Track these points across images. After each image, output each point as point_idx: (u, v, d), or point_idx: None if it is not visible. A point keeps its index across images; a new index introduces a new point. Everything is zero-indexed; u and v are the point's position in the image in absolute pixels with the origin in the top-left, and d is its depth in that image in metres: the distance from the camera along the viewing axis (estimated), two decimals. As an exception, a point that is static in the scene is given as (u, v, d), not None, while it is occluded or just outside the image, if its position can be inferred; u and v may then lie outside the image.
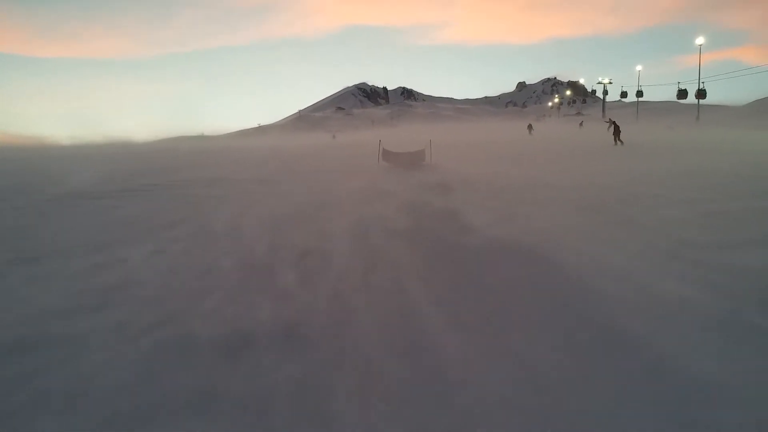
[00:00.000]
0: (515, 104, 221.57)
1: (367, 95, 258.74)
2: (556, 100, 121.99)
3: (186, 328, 4.52)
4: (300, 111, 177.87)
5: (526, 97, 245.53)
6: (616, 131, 26.55)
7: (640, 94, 69.48)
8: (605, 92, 79.52)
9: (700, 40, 54.19)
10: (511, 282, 5.27)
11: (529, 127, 46.93)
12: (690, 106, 61.05)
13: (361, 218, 8.94)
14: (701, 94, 54.10)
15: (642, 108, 73.91)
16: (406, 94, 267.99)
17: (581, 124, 58.88)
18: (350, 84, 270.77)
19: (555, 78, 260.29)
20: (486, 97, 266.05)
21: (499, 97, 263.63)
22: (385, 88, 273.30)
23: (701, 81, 53.77)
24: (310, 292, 5.34)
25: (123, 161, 28.21)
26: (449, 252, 6.53)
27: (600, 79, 77.93)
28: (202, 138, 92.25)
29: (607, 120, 28.81)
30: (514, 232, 7.25)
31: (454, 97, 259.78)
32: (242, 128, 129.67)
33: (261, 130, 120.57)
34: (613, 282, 5.16)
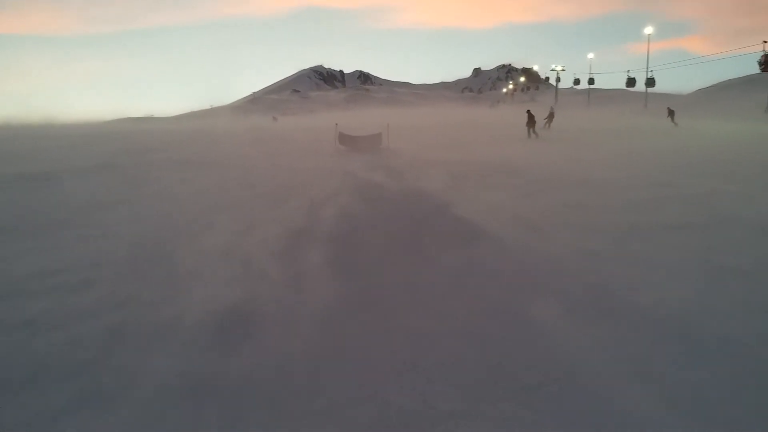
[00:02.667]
0: (471, 90, 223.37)
1: (324, 78, 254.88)
2: (511, 86, 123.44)
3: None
4: (254, 93, 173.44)
5: (482, 83, 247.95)
6: (530, 122, 24.75)
7: (591, 81, 71.25)
8: (558, 79, 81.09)
9: (648, 30, 55.70)
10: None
11: (550, 117, 30.36)
12: (639, 94, 62.89)
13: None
14: (650, 82, 55.75)
15: (593, 95, 75.77)
16: (363, 78, 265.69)
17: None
18: (306, 66, 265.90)
19: (510, 65, 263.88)
20: (443, 83, 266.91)
21: (456, 82, 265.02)
22: (341, 72, 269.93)
23: (650, 69, 55.42)
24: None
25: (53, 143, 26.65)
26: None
27: (553, 67, 79.42)
28: (150, 119, 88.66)
29: (548, 112, 30.19)
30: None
31: (411, 82, 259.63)
32: (194, 110, 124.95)
33: (213, 111, 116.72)
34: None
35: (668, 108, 32.59)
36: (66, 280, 5.21)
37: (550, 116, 30.44)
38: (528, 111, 26.06)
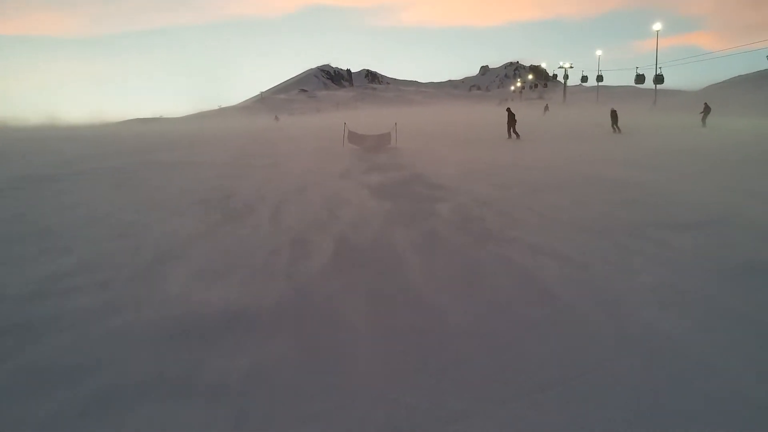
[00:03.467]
0: (479, 88, 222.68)
1: (331, 77, 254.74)
2: (519, 84, 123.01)
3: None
4: (262, 93, 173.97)
5: (489, 81, 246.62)
6: (511, 121, 23.18)
7: (600, 78, 70.82)
8: (566, 77, 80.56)
9: (657, 26, 55.20)
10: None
11: (614, 117, 28.06)
12: (649, 90, 62.39)
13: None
14: (659, 79, 55.35)
15: (602, 92, 75.30)
16: (371, 76, 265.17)
17: (546, 108, 57.72)
18: (313, 66, 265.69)
19: (517, 62, 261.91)
20: (450, 81, 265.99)
21: (463, 80, 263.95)
22: (348, 71, 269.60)
23: (659, 66, 54.95)
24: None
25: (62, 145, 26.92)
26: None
27: (561, 64, 79.00)
28: (158, 121, 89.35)
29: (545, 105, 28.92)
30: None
31: (419, 80, 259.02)
32: (203, 110, 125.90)
33: (221, 112, 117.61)
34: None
35: (705, 103, 28.49)
36: None
37: (614, 116, 25.27)
38: (508, 109, 24.14)
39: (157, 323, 4.21)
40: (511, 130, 23.10)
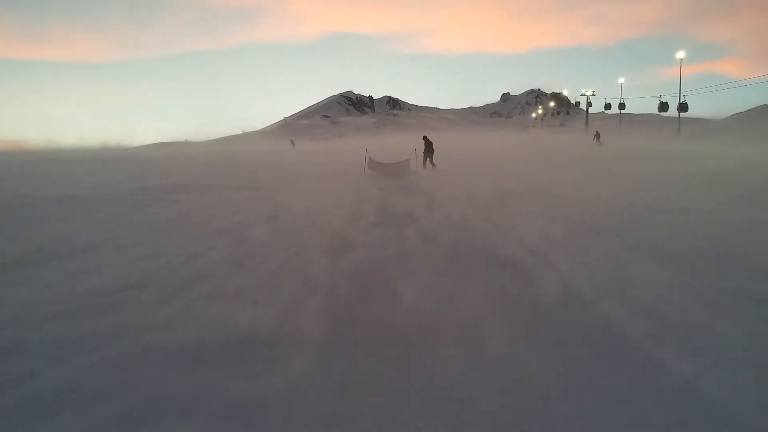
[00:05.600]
0: (500, 115, 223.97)
1: (353, 104, 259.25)
2: (540, 111, 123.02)
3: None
4: (285, 118, 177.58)
5: (511, 108, 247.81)
6: (428, 150, 21.07)
7: (622, 106, 70.51)
8: (589, 104, 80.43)
9: (680, 54, 54.96)
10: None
11: (596, 136, 45.21)
12: (672, 118, 61.87)
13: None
14: (683, 107, 54.88)
15: (624, 120, 74.95)
16: (392, 103, 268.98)
17: (597, 137, 45.26)
18: (336, 92, 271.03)
19: (539, 89, 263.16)
20: (471, 108, 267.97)
21: (484, 107, 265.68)
22: (370, 97, 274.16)
23: (682, 94, 54.54)
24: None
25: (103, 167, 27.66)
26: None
27: (583, 91, 78.93)
28: (184, 144, 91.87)
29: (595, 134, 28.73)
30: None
31: (439, 107, 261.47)
32: (227, 134, 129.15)
33: (244, 136, 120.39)
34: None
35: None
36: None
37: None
38: (425, 137, 21.79)
39: (178, 344, 4.22)
40: (428, 160, 21.12)
